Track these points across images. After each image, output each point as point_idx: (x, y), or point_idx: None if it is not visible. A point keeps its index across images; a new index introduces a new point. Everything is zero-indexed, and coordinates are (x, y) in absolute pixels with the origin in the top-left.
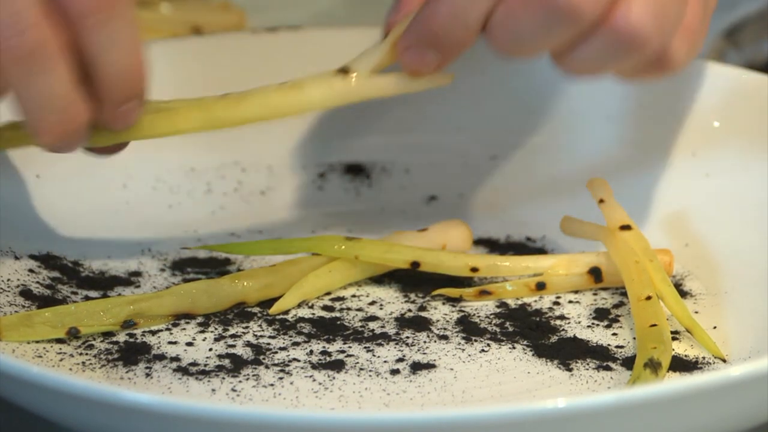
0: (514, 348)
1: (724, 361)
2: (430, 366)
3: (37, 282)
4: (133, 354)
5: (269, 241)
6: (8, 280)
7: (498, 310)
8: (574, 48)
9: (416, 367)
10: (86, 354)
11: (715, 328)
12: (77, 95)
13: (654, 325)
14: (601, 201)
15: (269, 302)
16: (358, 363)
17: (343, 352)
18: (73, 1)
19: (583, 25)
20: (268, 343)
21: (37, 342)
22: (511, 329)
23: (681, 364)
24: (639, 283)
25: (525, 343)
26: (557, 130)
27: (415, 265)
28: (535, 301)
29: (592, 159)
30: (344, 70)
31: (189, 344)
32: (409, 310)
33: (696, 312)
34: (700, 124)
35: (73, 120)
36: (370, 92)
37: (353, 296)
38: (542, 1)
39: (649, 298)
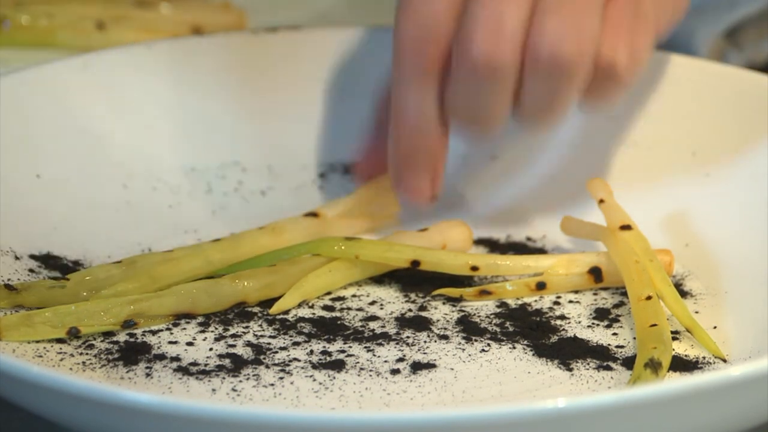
0: (514, 348)
1: (725, 361)
2: (430, 366)
3: None
4: (133, 354)
5: (269, 253)
6: (8, 280)
7: (498, 310)
8: (520, 99)
9: (416, 366)
10: (86, 354)
11: (715, 328)
12: None
13: (654, 325)
14: (601, 201)
15: (269, 302)
16: (358, 363)
17: (343, 351)
18: None
19: (509, 74)
20: (269, 343)
21: (38, 342)
22: (511, 329)
23: (681, 364)
24: (639, 283)
25: (525, 342)
26: (557, 130)
27: (416, 263)
28: (536, 300)
29: (592, 159)
30: (314, 214)
31: (189, 344)
32: (410, 310)
33: (696, 312)
34: (700, 123)
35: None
36: (336, 233)
37: (353, 296)
38: (471, 72)
39: (649, 298)
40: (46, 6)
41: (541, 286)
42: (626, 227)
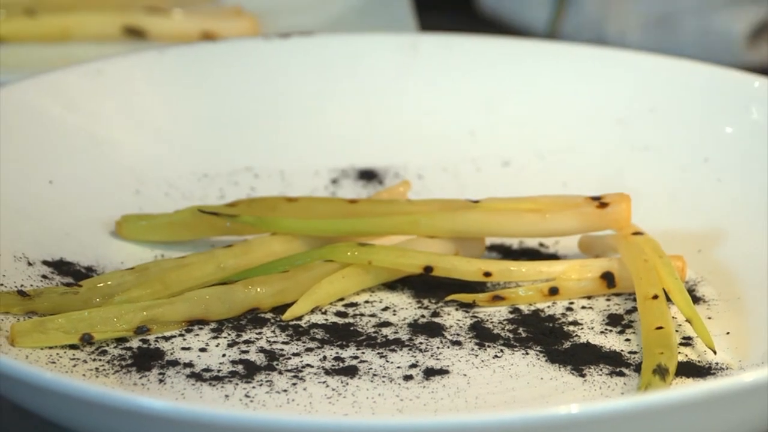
0: (527, 354)
1: (714, 352)
2: (443, 372)
3: None
4: (146, 360)
5: (282, 259)
6: (21, 286)
7: (511, 316)
8: None
9: (429, 372)
10: (99, 360)
11: (728, 333)
12: None
13: (660, 328)
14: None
15: (282, 308)
16: (371, 369)
17: (356, 357)
18: None
19: None
20: (282, 349)
21: (51, 348)
22: (524, 335)
23: (694, 370)
24: (646, 282)
25: (538, 348)
26: (568, 135)
27: (428, 269)
28: (548, 306)
29: (604, 163)
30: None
31: (202, 350)
32: (422, 316)
33: (709, 318)
34: (712, 129)
35: None
36: None
37: (366, 302)
38: None
39: (655, 297)
40: (60, 15)
41: (553, 292)
42: (638, 233)
